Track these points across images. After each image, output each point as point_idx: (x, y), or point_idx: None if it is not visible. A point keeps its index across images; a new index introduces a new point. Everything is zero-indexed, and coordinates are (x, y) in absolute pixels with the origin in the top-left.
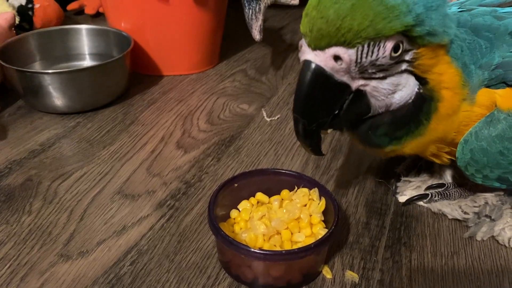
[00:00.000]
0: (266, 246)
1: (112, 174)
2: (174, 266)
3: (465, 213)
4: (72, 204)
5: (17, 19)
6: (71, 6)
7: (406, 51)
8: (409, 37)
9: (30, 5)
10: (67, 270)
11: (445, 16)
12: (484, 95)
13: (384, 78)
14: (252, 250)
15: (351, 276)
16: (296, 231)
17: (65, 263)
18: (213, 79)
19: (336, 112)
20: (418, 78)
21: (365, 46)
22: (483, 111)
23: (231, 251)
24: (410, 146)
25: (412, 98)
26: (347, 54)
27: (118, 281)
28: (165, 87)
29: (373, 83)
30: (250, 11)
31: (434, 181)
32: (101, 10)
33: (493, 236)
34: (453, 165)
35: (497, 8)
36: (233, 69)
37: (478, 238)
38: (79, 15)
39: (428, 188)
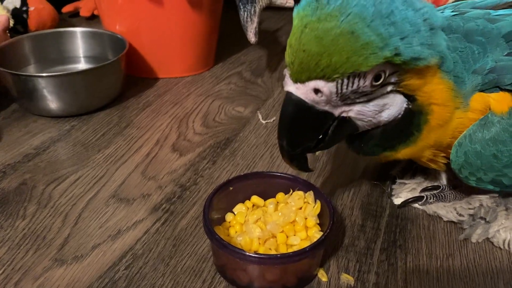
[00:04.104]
0: (261, 250)
1: (107, 177)
2: (169, 270)
3: (460, 215)
4: (67, 208)
5: (12, 22)
6: (66, 9)
7: (391, 74)
8: (393, 63)
9: (24, 8)
10: (62, 275)
11: (431, 36)
12: (478, 100)
13: (368, 101)
14: (247, 254)
15: (347, 279)
16: (292, 234)
17: (60, 268)
18: (209, 81)
19: (321, 136)
20: (406, 95)
21: (345, 79)
22: (477, 115)
23: (226, 255)
24: (404, 153)
25: (401, 114)
26: (327, 87)
27: (113, 285)
28: (160, 90)
29: (357, 107)
30: (245, 13)
31: (429, 183)
32: (96, 12)
33: (488, 238)
34: (447, 167)
35: (491, 11)
36: (229, 72)
37: (473, 240)
38: (74, 18)
39: (423, 190)
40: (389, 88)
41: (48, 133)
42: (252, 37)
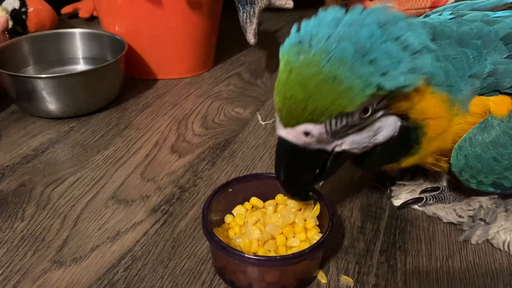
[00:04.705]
0: (261, 252)
1: (106, 179)
2: (168, 272)
3: (460, 216)
4: (66, 209)
5: (11, 23)
6: (65, 10)
7: (379, 103)
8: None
9: (23, 9)
10: (60, 276)
11: (413, 61)
12: (477, 104)
13: (360, 130)
14: (246, 256)
15: (346, 281)
16: (291, 236)
17: (58, 270)
18: (208, 82)
19: (318, 170)
20: (398, 115)
21: (332, 119)
22: (477, 119)
23: (225, 257)
24: (406, 162)
25: (397, 132)
26: (316, 129)
27: (112, 287)
28: (159, 91)
29: (350, 138)
30: (245, 14)
31: (429, 185)
32: (95, 13)
33: (487, 240)
34: (449, 169)
35: (489, 13)
36: (228, 73)
37: (473, 241)
38: (73, 19)
39: (423, 191)
40: (380, 113)
41: (47, 135)
42: (251, 38)
